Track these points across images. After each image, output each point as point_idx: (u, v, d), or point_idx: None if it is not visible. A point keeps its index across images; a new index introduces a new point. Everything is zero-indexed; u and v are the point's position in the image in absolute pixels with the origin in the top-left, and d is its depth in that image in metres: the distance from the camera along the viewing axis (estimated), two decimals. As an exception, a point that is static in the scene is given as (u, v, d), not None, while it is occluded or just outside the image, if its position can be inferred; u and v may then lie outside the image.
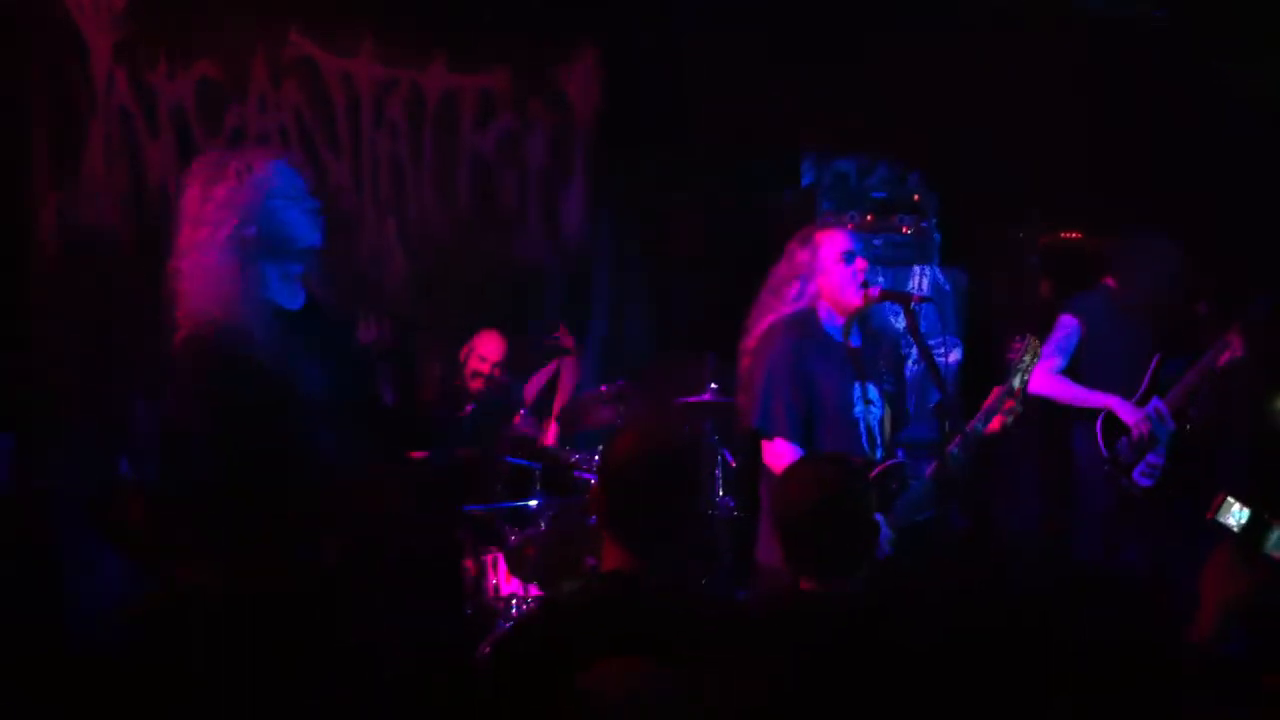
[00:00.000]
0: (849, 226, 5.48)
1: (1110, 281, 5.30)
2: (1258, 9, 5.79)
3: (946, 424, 4.07)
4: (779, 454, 4.01)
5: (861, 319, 4.21)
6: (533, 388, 6.17)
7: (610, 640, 2.25)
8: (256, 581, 2.82)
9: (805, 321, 4.13)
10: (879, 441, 4.15)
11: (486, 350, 5.73)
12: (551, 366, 6.19)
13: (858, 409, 4.11)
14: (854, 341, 4.18)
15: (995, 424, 3.94)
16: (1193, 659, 2.46)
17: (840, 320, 4.16)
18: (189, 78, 5.79)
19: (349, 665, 2.85)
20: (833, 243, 4.16)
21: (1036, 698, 2.30)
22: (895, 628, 2.64)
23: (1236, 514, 2.63)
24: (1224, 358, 5.10)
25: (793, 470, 2.95)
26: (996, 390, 3.98)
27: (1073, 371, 5.24)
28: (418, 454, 5.16)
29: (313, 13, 6.02)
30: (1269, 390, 5.59)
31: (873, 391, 4.15)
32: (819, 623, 2.65)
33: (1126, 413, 5.08)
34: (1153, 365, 5.16)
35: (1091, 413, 5.16)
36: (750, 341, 4.21)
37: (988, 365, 5.81)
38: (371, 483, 3.08)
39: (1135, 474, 5.10)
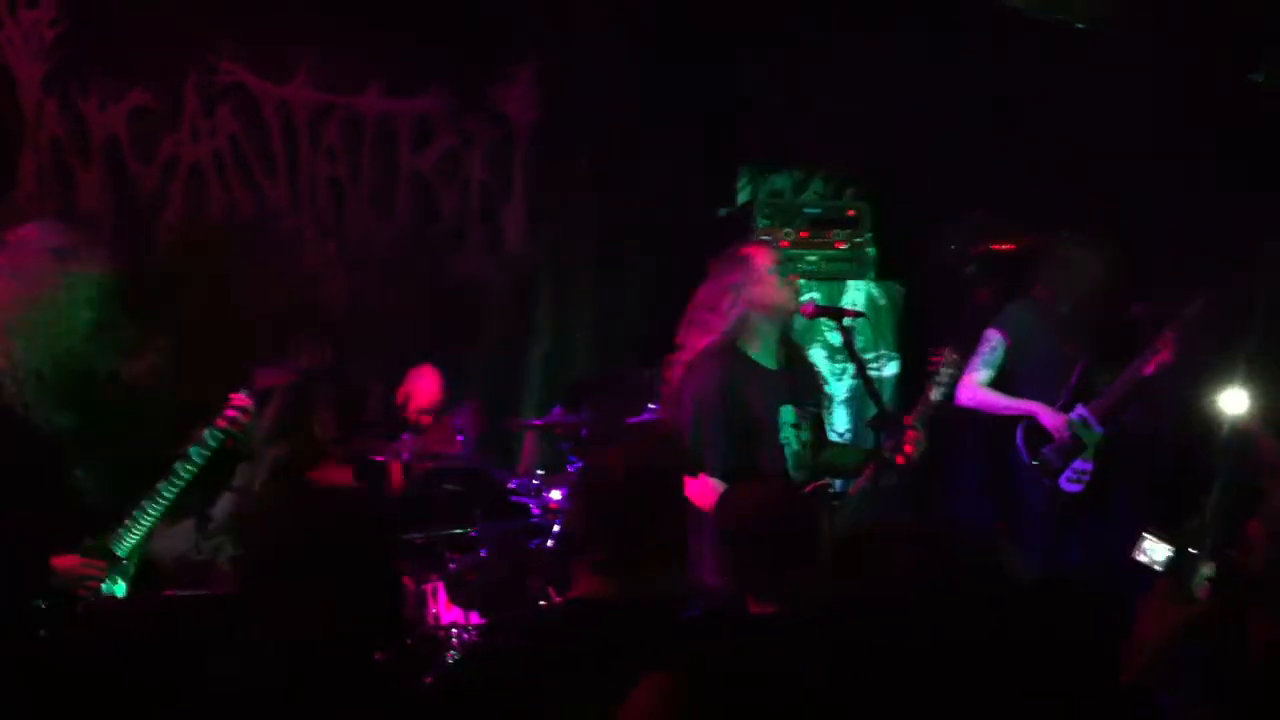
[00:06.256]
0: (783, 245, 5.54)
1: (1039, 291, 5.36)
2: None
3: (883, 438, 4.11)
4: (703, 489, 3.98)
5: (783, 345, 4.25)
6: None
7: (589, 666, 2.19)
8: None
9: (730, 349, 4.17)
10: (802, 463, 4.19)
11: (419, 394, 5.74)
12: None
13: (784, 432, 4.16)
14: (777, 366, 4.23)
15: (900, 459, 3.99)
16: (1129, 701, 2.44)
17: (768, 337, 4.19)
18: (120, 108, 5.78)
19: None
20: (762, 255, 4.25)
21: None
22: (857, 645, 2.60)
23: (1157, 551, 2.63)
24: (1154, 362, 5.14)
25: (746, 493, 2.98)
26: (917, 407, 4.04)
27: (1006, 384, 5.29)
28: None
29: (245, 41, 6.01)
30: (1197, 394, 5.62)
31: (797, 414, 4.20)
32: (775, 647, 2.61)
33: (1048, 418, 5.13)
34: (1076, 373, 5.21)
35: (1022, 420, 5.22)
36: (682, 356, 4.23)
37: (924, 379, 5.84)
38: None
39: (1062, 480, 5.15)
